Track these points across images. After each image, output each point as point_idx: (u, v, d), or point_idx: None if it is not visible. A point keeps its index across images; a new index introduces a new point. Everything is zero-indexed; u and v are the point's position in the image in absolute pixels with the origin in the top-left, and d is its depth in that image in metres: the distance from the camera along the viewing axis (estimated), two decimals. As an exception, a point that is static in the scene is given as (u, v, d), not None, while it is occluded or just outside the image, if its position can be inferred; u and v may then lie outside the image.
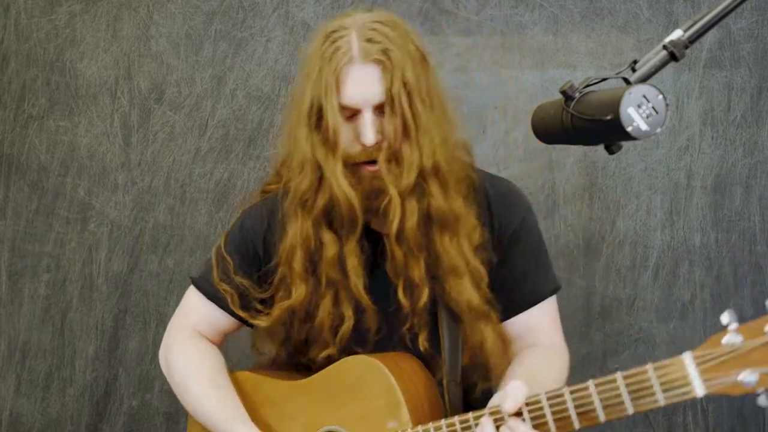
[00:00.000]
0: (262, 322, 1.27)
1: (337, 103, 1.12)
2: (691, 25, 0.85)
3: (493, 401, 1.06)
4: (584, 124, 0.85)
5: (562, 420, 0.96)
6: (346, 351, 1.24)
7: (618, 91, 0.81)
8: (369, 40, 1.12)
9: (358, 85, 1.12)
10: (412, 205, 1.14)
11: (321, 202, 1.17)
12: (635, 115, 0.80)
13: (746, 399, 2.01)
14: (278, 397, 1.30)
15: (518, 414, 1.00)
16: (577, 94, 0.87)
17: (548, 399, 0.98)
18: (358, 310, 1.22)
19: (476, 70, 2.03)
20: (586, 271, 2.00)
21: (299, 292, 1.22)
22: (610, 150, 0.88)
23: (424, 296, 1.18)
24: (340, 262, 1.19)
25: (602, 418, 0.93)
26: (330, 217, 1.19)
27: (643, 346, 1.98)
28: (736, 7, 0.84)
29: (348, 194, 1.14)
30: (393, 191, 1.13)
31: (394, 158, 1.13)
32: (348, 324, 1.21)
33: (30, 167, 2.12)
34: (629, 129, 0.79)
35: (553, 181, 2.01)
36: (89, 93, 2.11)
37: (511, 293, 1.26)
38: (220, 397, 1.26)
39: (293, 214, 1.21)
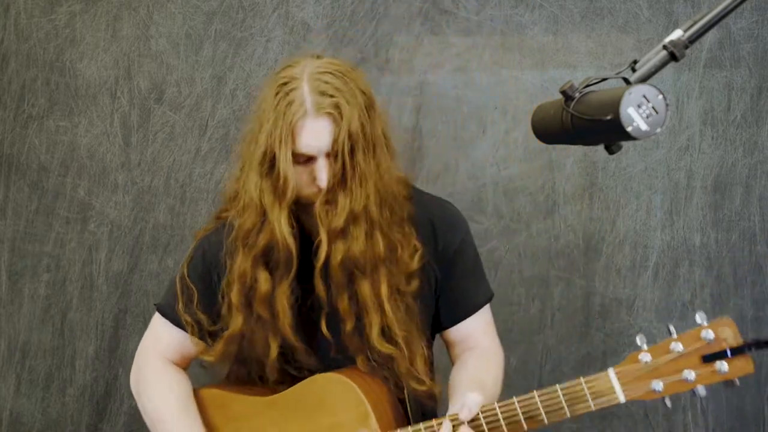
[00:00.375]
0: (210, 357, 1.35)
1: (291, 153, 1.21)
2: (691, 25, 0.85)
3: (453, 409, 1.21)
4: (584, 124, 0.85)
5: (513, 424, 1.16)
6: (287, 378, 1.34)
7: (618, 91, 0.81)
8: (321, 93, 1.21)
9: (312, 137, 1.21)
10: (338, 247, 1.24)
11: (262, 242, 1.26)
12: (635, 115, 0.79)
13: (746, 399, 2.02)
14: (245, 413, 1.37)
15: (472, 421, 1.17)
16: (577, 94, 0.87)
17: (500, 407, 1.17)
18: (285, 344, 1.31)
19: (476, 70, 2.03)
20: (586, 271, 2.00)
21: (236, 322, 1.30)
22: (610, 150, 0.88)
23: (348, 327, 1.27)
24: (271, 300, 1.28)
25: (546, 421, 1.14)
26: (268, 257, 1.27)
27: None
28: (736, 7, 0.84)
29: (288, 241, 1.24)
30: (323, 233, 1.23)
31: (332, 202, 1.24)
32: (272, 356, 1.31)
33: (30, 167, 2.12)
34: (629, 129, 0.79)
35: (553, 181, 2.01)
36: (89, 93, 2.11)
37: (453, 305, 1.39)
38: (186, 425, 1.34)
39: (235, 249, 1.30)
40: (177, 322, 1.38)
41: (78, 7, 2.11)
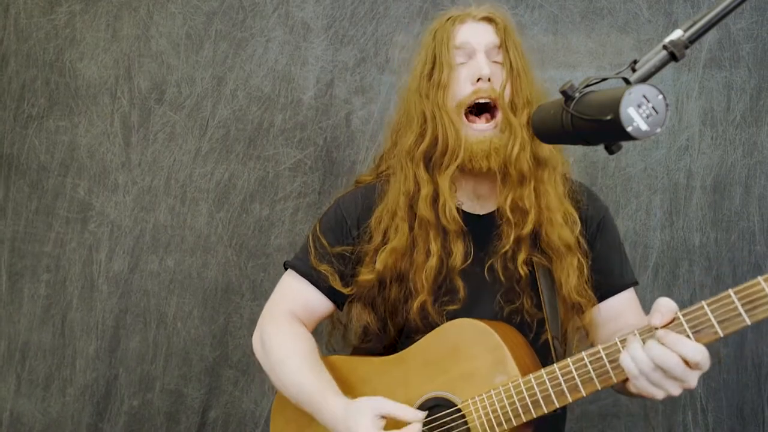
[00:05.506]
0: (370, 275, 1.34)
1: (452, 48, 1.29)
2: (691, 25, 0.85)
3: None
4: (584, 124, 0.85)
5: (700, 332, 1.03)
6: (437, 299, 1.31)
7: (618, 91, 0.81)
8: (479, 8, 1.34)
9: (473, 33, 1.31)
10: (526, 140, 1.28)
11: (423, 147, 1.30)
12: (635, 115, 0.79)
13: (746, 399, 2.01)
14: (372, 374, 1.33)
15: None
16: (577, 94, 0.87)
17: (684, 315, 1.05)
18: (445, 244, 1.31)
19: (476, 70, 2.03)
20: (586, 271, 2.00)
21: (402, 231, 1.32)
22: (610, 150, 0.88)
23: (530, 222, 1.28)
24: (434, 198, 1.31)
25: (721, 333, 1.03)
26: (427, 160, 1.31)
27: (643, 345, 1.97)
28: (735, 7, 0.84)
29: (457, 135, 1.27)
30: (515, 121, 1.27)
31: (510, 102, 1.29)
32: (434, 259, 1.29)
33: (30, 167, 2.12)
34: (629, 129, 0.79)
35: (552, 181, 2.01)
36: (89, 93, 2.11)
37: (598, 280, 1.35)
38: (315, 373, 1.30)
39: (398, 169, 1.34)
40: (308, 275, 1.39)
41: (78, 7, 2.11)
